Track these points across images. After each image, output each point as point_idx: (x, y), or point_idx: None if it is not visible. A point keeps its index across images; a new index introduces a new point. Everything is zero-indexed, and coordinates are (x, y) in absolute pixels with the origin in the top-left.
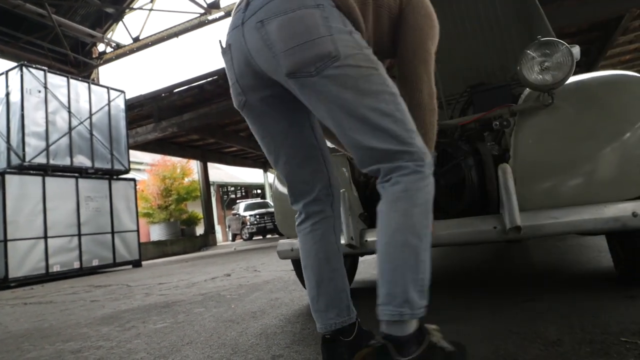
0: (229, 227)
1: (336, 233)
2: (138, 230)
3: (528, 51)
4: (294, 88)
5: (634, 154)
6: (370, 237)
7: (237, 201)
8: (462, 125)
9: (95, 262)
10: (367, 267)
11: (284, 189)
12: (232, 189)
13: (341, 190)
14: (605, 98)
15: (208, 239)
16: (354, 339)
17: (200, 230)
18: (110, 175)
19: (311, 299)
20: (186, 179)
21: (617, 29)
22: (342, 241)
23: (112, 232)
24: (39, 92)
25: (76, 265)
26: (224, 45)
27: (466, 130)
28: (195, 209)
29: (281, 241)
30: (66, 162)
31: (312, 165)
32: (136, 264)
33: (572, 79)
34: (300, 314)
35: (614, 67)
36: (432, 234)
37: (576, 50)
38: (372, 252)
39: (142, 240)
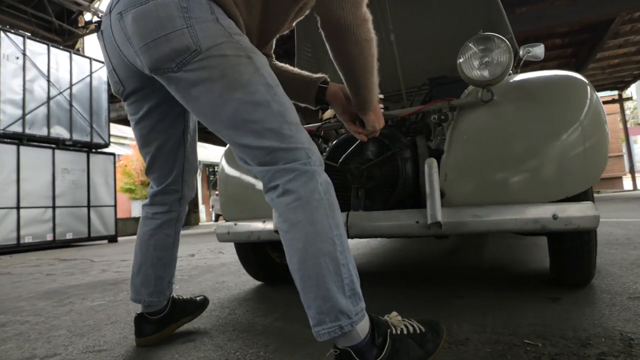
0: (213, 207)
1: (176, 227)
2: (115, 206)
3: (469, 45)
4: (163, 83)
5: (563, 157)
6: None
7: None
8: (403, 117)
9: (69, 236)
10: None
11: (231, 171)
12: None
13: None
14: (543, 98)
15: (190, 218)
16: (163, 317)
17: None
18: (89, 148)
19: (132, 272)
20: None
21: (608, 32)
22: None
23: (89, 206)
24: (17, 58)
25: (49, 237)
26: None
27: (413, 123)
28: None
29: (219, 223)
30: (43, 132)
31: (171, 161)
32: (112, 239)
33: (519, 76)
34: (235, 299)
35: (602, 69)
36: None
37: (540, 49)
38: None
39: (124, 215)
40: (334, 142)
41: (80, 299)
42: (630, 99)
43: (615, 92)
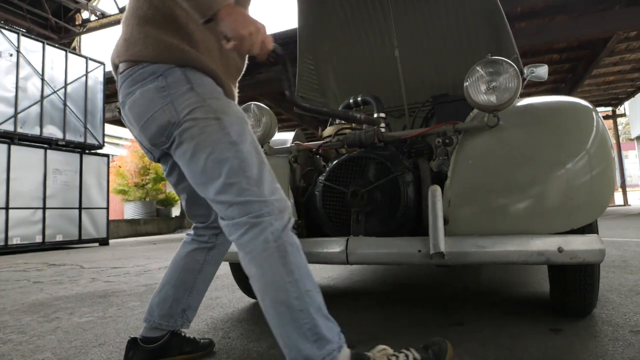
0: None
1: (207, 258)
2: (108, 208)
3: (476, 68)
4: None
5: (569, 186)
6: (302, 241)
7: None
8: (407, 138)
9: (59, 238)
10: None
11: None
12: None
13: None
14: (550, 125)
15: (183, 222)
16: (157, 347)
17: (176, 211)
18: (83, 149)
19: (156, 290)
20: None
21: (604, 50)
22: None
23: (80, 208)
24: (11, 55)
25: (38, 239)
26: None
27: (414, 143)
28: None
29: None
30: (35, 131)
31: (206, 205)
32: (103, 242)
33: (524, 101)
34: (229, 319)
35: (598, 86)
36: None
37: (544, 70)
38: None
39: (116, 217)
40: (334, 163)
41: (68, 314)
42: (623, 115)
43: (609, 109)
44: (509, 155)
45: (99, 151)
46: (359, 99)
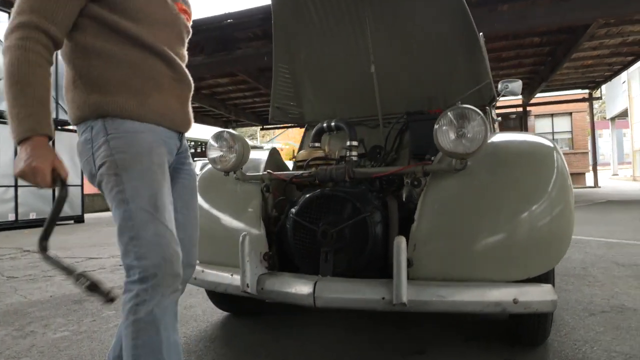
0: None
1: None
2: (82, 185)
3: (447, 114)
4: None
5: (529, 235)
6: (271, 284)
7: (195, 159)
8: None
9: (32, 215)
10: None
11: (205, 204)
12: (192, 144)
13: (242, 234)
14: (514, 171)
15: None
16: None
17: None
18: (54, 125)
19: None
20: None
21: (585, 35)
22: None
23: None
24: None
25: (11, 217)
26: None
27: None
28: None
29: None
30: (2, 107)
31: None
32: (78, 219)
33: (493, 139)
34: (203, 338)
35: (576, 69)
36: None
37: (517, 84)
38: (273, 300)
39: (92, 191)
40: (305, 197)
41: (43, 326)
42: (600, 98)
43: (586, 91)
44: (472, 202)
45: (71, 127)
46: (332, 124)
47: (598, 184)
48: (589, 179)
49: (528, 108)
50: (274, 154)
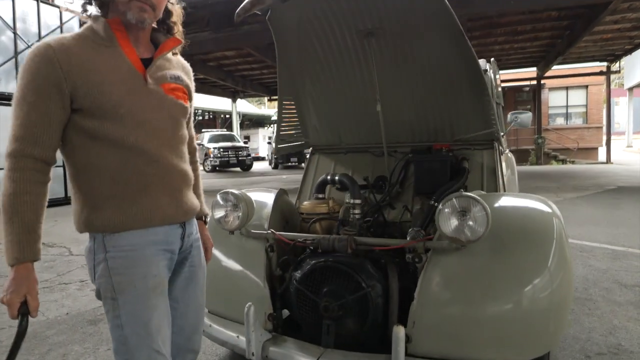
0: None
1: None
2: None
3: (453, 201)
4: None
5: (528, 317)
6: (275, 354)
7: (202, 130)
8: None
9: None
10: None
11: (218, 253)
12: (199, 111)
13: (247, 304)
14: (514, 250)
15: None
16: None
17: None
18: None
19: None
20: None
21: (606, 9)
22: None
23: (64, 166)
24: None
25: None
26: None
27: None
28: None
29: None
30: (10, 89)
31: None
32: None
33: (495, 204)
34: None
35: (595, 42)
36: None
37: (527, 116)
38: None
39: None
40: (308, 267)
41: (61, 356)
42: (618, 72)
43: (604, 64)
44: (472, 283)
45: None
46: (336, 177)
47: (610, 160)
48: (602, 153)
49: (542, 81)
50: (281, 197)
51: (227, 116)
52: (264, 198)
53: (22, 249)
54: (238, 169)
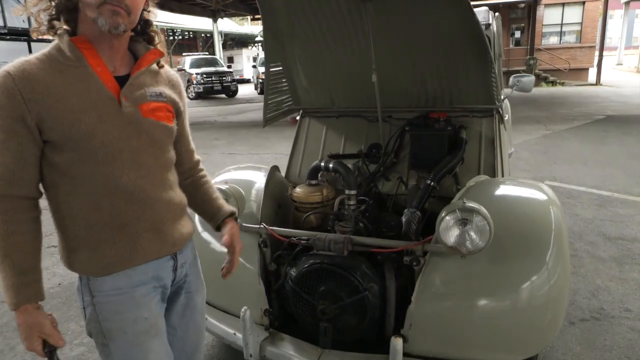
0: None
1: None
2: None
3: (456, 212)
4: None
5: (523, 318)
6: (272, 354)
7: (183, 54)
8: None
9: None
10: None
11: (208, 237)
12: (179, 31)
13: (243, 308)
14: (516, 254)
15: None
16: None
17: None
18: (29, 36)
19: None
20: None
21: None
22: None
23: None
24: None
25: None
26: None
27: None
28: None
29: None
30: None
31: None
32: None
33: (492, 194)
34: None
35: None
36: None
37: (529, 80)
38: None
39: None
40: (304, 268)
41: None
42: None
43: None
44: (470, 287)
45: (51, 37)
46: (330, 165)
47: (600, 82)
48: (592, 74)
49: None
50: (272, 179)
51: (209, 35)
52: (255, 178)
53: (17, 292)
54: (223, 95)
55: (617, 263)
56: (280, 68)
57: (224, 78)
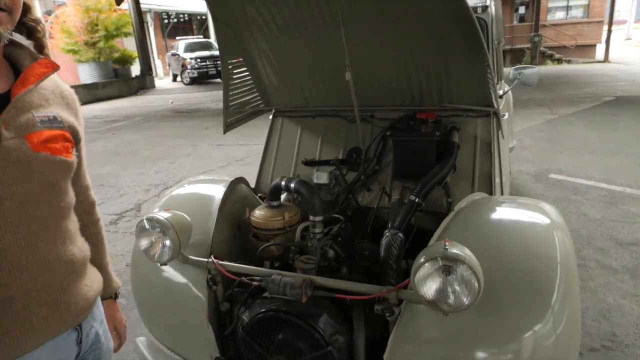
0: (170, 65)
1: None
2: None
3: (437, 259)
4: None
5: None
6: None
7: (177, 38)
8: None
9: None
10: None
11: (146, 270)
12: (173, 14)
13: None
14: (512, 303)
15: (145, 81)
16: None
17: (136, 70)
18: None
19: None
20: (116, 11)
21: None
22: None
23: None
24: None
25: None
26: None
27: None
28: (132, 46)
29: (140, 340)
30: None
31: None
32: None
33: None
34: None
35: None
36: None
37: (533, 72)
38: None
39: (71, 81)
40: (256, 317)
41: None
42: None
43: None
44: (458, 344)
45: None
46: (292, 184)
47: (608, 59)
48: (600, 51)
49: None
50: (229, 197)
51: (204, 18)
52: (212, 195)
53: None
54: (218, 80)
55: (631, 275)
56: (242, 64)
57: (219, 62)
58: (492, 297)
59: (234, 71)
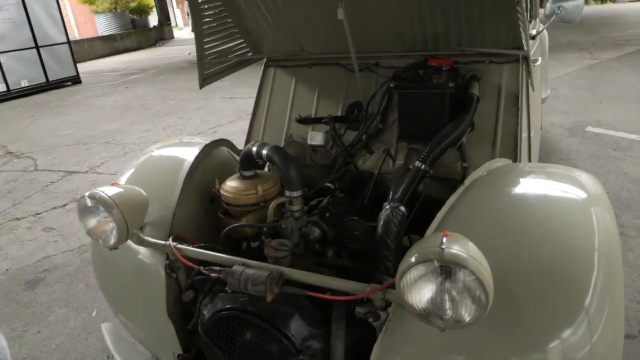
0: (189, 14)
1: None
2: (69, 42)
3: (416, 265)
4: None
5: None
6: None
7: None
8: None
9: (24, 83)
10: None
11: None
12: None
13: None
14: (534, 309)
15: (163, 32)
16: None
17: (153, 20)
18: None
19: None
20: None
21: None
22: None
23: (37, 47)
24: None
25: (2, 88)
26: None
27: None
28: None
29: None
30: None
31: None
32: (75, 80)
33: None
34: None
35: None
36: None
37: (577, 5)
38: None
39: (89, 34)
40: (217, 313)
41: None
42: None
43: None
44: (455, 357)
45: None
46: (263, 151)
47: None
48: None
49: None
50: (201, 163)
51: None
52: (184, 158)
53: None
54: None
55: None
56: (220, 5)
57: None
58: (507, 297)
59: (208, 13)
